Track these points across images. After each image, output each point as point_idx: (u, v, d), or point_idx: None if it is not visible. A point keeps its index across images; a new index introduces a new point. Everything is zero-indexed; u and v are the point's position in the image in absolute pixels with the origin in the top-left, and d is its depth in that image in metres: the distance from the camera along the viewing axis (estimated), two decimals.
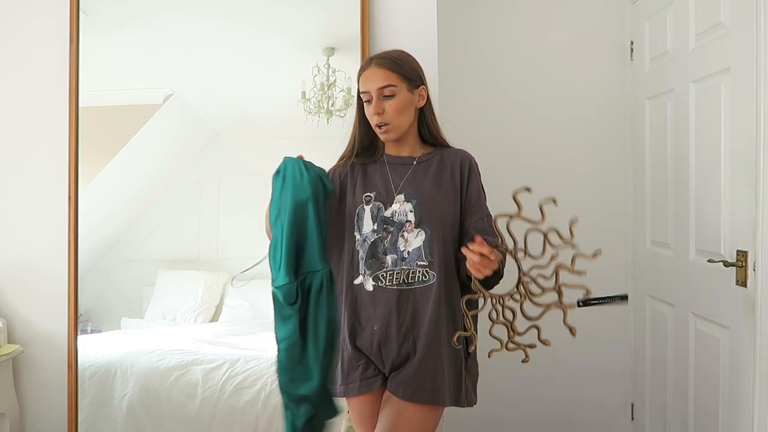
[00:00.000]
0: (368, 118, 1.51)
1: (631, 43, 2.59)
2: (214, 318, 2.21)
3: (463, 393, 1.52)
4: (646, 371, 2.49)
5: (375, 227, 1.49)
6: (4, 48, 2.08)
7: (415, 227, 1.48)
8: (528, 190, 1.22)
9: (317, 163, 1.52)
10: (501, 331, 1.31)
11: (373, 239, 1.49)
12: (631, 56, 2.60)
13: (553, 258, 1.22)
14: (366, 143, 1.57)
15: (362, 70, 1.52)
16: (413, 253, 1.47)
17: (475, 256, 1.27)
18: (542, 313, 1.27)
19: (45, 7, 2.06)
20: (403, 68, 1.50)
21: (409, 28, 2.05)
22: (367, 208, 1.51)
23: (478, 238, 1.29)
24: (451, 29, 2.63)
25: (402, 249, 1.47)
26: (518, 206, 1.23)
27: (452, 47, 2.52)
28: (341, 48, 2.11)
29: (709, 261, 1.90)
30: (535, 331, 1.30)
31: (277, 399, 1.99)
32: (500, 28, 2.72)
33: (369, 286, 1.48)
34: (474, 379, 1.57)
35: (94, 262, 2.12)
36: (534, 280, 1.25)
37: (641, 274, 2.56)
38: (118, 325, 2.16)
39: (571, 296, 1.25)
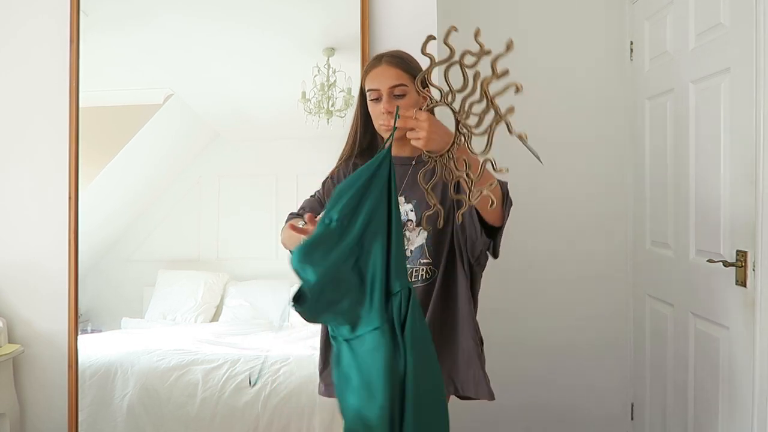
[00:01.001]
0: (374, 117, 1.50)
1: (631, 43, 2.60)
2: (215, 318, 2.21)
3: (484, 383, 1.49)
4: (646, 371, 2.49)
5: None
6: (5, 48, 2.08)
7: (416, 226, 1.48)
8: (455, 29, 1.16)
9: (316, 163, 1.52)
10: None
11: None
12: (631, 56, 2.60)
13: (475, 79, 1.15)
14: (365, 143, 1.56)
15: (371, 67, 1.50)
16: (416, 252, 1.47)
17: (421, 124, 1.23)
18: (489, 140, 1.16)
19: (45, 7, 2.06)
20: (412, 68, 1.50)
21: (409, 28, 2.05)
22: None
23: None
24: None
25: (404, 248, 1.48)
26: (451, 51, 1.17)
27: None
28: (341, 48, 2.11)
29: (708, 261, 1.90)
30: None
31: (278, 398, 1.99)
32: (500, 28, 2.71)
33: None
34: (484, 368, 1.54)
35: (94, 262, 2.12)
36: (468, 112, 1.17)
37: (641, 274, 2.56)
38: (119, 325, 2.16)
39: (507, 101, 1.18)
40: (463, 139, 1.18)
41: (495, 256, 1.46)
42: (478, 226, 1.38)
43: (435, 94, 1.26)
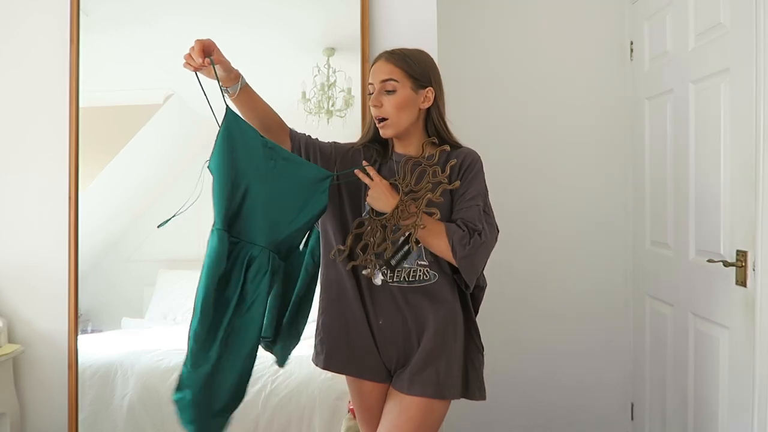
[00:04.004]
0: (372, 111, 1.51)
1: (631, 43, 2.60)
2: None
3: (476, 384, 1.53)
4: (646, 371, 2.49)
5: None
6: (5, 47, 2.08)
7: None
8: (434, 143, 1.51)
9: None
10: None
11: None
12: (631, 56, 2.60)
13: (424, 188, 1.47)
14: (376, 134, 1.55)
15: (374, 62, 1.52)
16: (414, 253, 1.47)
17: (365, 179, 1.46)
18: (398, 234, 1.47)
19: (45, 7, 2.06)
20: (410, 66, 1.47)
21: (409, 29, 2.05)
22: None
23: (369, 168, 1.47)
24: (451, 29, 2.63)
25: None
26: (423, 151, 1.53)
27: (452, 47, 2.52)
28: (341, 48, 2.11)
29: (708, 261, 1.90)
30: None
31: (278, 398, 1.99)
32: (500, 28, 2.72)
33: (377, 280, 1.49)
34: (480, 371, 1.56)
35: (94, 262, 2.12)
36: (407, 206, 1.44)
37: (641, 274, 2.56)
38: (119, 325, 2.16)
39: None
40: (392, 218, 1.46)
41: (466, 288, 1.51)
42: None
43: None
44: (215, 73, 1.41)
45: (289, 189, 1.43)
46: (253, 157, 1.40)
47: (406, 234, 1.45)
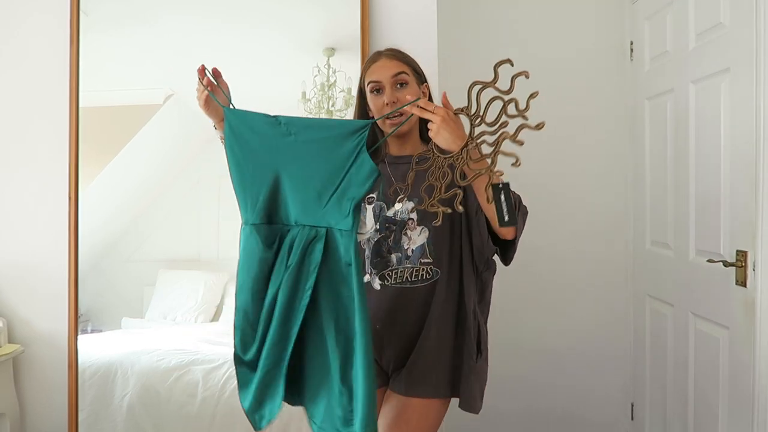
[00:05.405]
0: (375, 111, 1.49)
1: (631, 43, 2.60)
2: (215, 318, 2.21)
3: (468, 393, 1.49)
4: (646, 371, 2.49)
5: (377, 226, 1.49)
6: (5, 47, 2.08)
7: (418, 225, 1.48)
8: (510, 63, 1.27)
9: None
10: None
11: (377, 238, 1.49)
12: (631, 56, 2.60)
13: (501, 125, 1.25)
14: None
15: (371, 62, 1.52)
16: (417, 251, 1.47)
17: (435, 116, 1.29)
18: (469, 180, 1.28)
19: (45, 7, 2.06)
20: (412, 62, 1.53)
21: (409, 28, 2.05)
22: (369, 208, 1.51)
23: (444, 96, 1.33)
24: (451, 29, 2.63)
25: (406, 247, 1.48)
26: (495, 77, 1.27)
27: (452, 47, 2.52)
28: (341, 48, 2.11)
29: (708, 261, 1.90)
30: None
31: None
32: (500, 28, 2.72)
33: (376, 285, 1.49)
34: (482, 385, 1.53)
35: (94, 262, 2.12)
36: (478, 146, 1.27)
37: (641, 274, 2.56)
38: (119, 325, 2.16)
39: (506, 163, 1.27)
40: (461, 159, 1.27)
41: (505, 263, 1.49)
42: (485, 233, 1.42)
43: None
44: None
45: (320, 157, 1.31)
46: (269, 141, 1.34)
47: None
